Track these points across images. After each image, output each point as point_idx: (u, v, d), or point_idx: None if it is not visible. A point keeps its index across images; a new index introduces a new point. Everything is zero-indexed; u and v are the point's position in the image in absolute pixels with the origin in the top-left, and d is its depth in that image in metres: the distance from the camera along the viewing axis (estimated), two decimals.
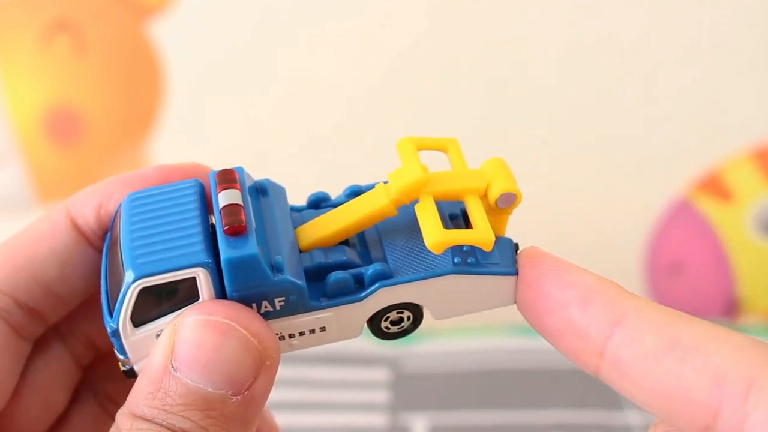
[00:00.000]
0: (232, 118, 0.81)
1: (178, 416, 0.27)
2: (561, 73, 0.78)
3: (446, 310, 0.30)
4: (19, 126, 0.82)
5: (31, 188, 0.84)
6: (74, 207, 0.32)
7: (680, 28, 0.77)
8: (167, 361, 0.27)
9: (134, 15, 0.80)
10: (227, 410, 0.27)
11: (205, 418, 0.27)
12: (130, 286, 0.28)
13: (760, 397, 0.23)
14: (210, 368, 0.27)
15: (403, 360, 0.72)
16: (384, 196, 0.30)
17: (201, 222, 0.29)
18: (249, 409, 0.28)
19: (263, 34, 0.79)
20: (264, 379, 0.28)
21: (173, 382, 0.27)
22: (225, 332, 0.27)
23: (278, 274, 0.28)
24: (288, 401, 0.66)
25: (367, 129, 0.80)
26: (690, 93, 0.77)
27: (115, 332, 0.29)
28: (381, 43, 0.79)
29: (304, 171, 0.79)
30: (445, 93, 0.79)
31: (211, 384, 0.27)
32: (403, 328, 0.31)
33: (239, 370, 0.27)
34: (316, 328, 0.30)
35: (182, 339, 0.27)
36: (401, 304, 0.30)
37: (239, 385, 0.27)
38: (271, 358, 0.28)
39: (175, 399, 0.27)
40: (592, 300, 0.27)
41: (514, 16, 0.77)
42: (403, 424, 0.64)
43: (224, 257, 0.28)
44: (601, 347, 0.26)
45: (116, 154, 0.83)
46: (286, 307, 0.29)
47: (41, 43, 0.81)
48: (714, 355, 0.24)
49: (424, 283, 0.29)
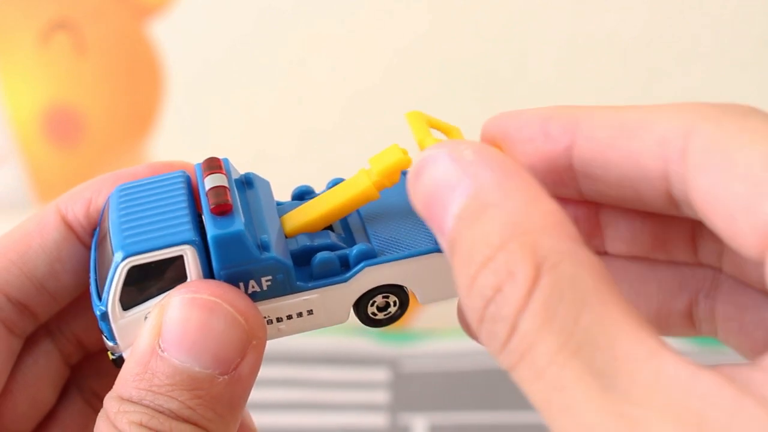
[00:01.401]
0: (231, 117, 0.81)
1: (166, 396, 0.27)
2: (561, 73, 0.78)
3: (432, 292, 0.30)
4: (19, 126, 0.82)
5: (30, 188, 0.84)
6: (64, 204, 0.33)
7: (680, 27, 0.77)
8: (154, 342, 0.27)
9: (133, 15, 0.80)
10: (214, 390, 0.27)
11: (193, 398, 0.27)
12: (119, 265, 0.28)
13: (695, 141, 0.24)
14: (197, 347, 0.27)
15: (403, 360, 0.72)
16: (365, 179, 0.31)
17: (188, 206, 0.29)
18: (236, 389, 0.27)
19: (262, 33, 0.79)
20: (251, 359, 0.28)
21: (160, 362, 0.27)
22: (211, 310, 0.27)
23: (265, 253, 0.29)
24: (288, 401, 0.66)
25: (367, 128, 0.80)
26: (690, 93, 0.77)
27: (104, 315, 0.29)
28: (380, 43, 0.79)
29: (304, 170, 0.79)
30: (444, 92, 0.79)
31: (198, 363, 0.27)
32: (390, 314, 0.31)
33: (226, 348, 0.27)
34: (304, 311, 0.30)
35: (169, 318, 0.27)
36: (387, 286, 0.30)
37: (226, 364, 0.27)
38: (257, 337, 0.28)
39: (162, 380, 0.27)
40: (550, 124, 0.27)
41: (514, 16, 0.77)
42: (403, 424, 0.64)
43: (211, 234, 0.28)
44: (568, 157, 0.27)
45: (115, 154, 0.83)
46: (273, 287, 0.29)
47: (40, 42, 0.81)
48: (656, 123, 0.25)
49: (408, 262, 0.30)
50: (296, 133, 0.81)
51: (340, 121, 0.80)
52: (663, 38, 0.77)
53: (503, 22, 0.77)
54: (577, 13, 0.77)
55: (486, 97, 0.79)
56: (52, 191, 0.83)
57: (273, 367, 0.70)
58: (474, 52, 0.78)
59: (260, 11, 0.79)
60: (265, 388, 0.68)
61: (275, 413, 0.65)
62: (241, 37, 0.79)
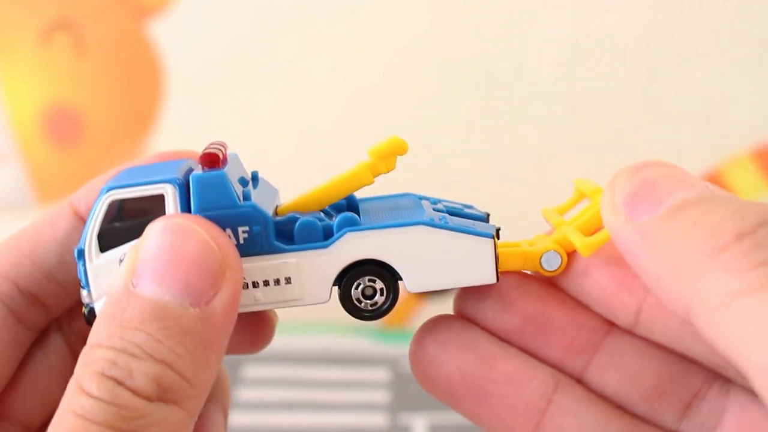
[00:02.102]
0: (232, 117, 0.81)
1: (133, 330, 0.26)
2: (561, 73, 0.78)
3: (420, 276, 0.29)
4: (19, 126, 0.82)
5: (30, 188, 0.84)
6: (76, 198, 0.33)
7: (680, 27, 0.77)
8: (128, 280, 0.26)
9: (133, 15, 0.80)
10: (184, 322, 0.26)
11: (161, 329, 0.26)
12: (100, 197, 0.29)
13: None
14: (168, 274, 0.26)
15: (403, 360, 0.72)
16: (361, 162, 0.31)
17: (181, 170, 0.29)
18: (209, 327, 0.26)
19: (262, 33, 0.79)
20: (225, 295, 0.27)
21: (131, 298, 0.26)
22: (183, 233, 0.27)
23: (245, 200, 0.29)
24: (288, 401, 0.66)
25: (367, 128, 0.80)
26: (690, 93, 0.77)
27: (80, 253, 0.29)
28: (380, 43, 0.79)
29: (304, 170, 0.79)
30: (444, 92, 0.79)
31: (169, 291, 0.26)
32: (377, 304, 0.30)
33: (197, 275, 0.26)
34: (281, 277, 0.29)
35: (143, 249, 0.27)
36: (372, 267, 0.29)
37: (197, 294, 0.26)
38: (231, 268, 0.27)
39: (132, 313, 0.26)
40: None
41: (514, 16, 0.77)
42: (403, 424, 0.64)
43: (193, 176, 0.28)
44: None
45: (115, 154, 0.83)
46: (250, 241, 0.29)
47: (40, 42, 0.81)
48: None
49: (392, 234, 0.29)
50: (296, 133, 0.81)
51: (340, 121, 0.80)
52: (663, 38, 0.77)
53: (503, 22, 0.77)
54: (577, 13, 0.77)
55: (486, 97, 0.79)
56: (52, 191, 0.83)
57: (273, 367, 0.70)
58: (474, 52, 0.78)
59: (260, 11, 0.79)
60: (265, 388, 0.68)
61: (275, 413, 0.65)
62: (241, 37, 0.79)
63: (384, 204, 0.32)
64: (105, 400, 0.25)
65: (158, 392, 0.25)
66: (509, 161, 0.80)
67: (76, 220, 0.32)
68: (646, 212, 0.26)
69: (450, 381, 0.30)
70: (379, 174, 0.31)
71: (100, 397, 0.25)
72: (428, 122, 0.79)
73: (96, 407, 0.25)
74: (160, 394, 0.25)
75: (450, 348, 0.30)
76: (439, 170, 0.78)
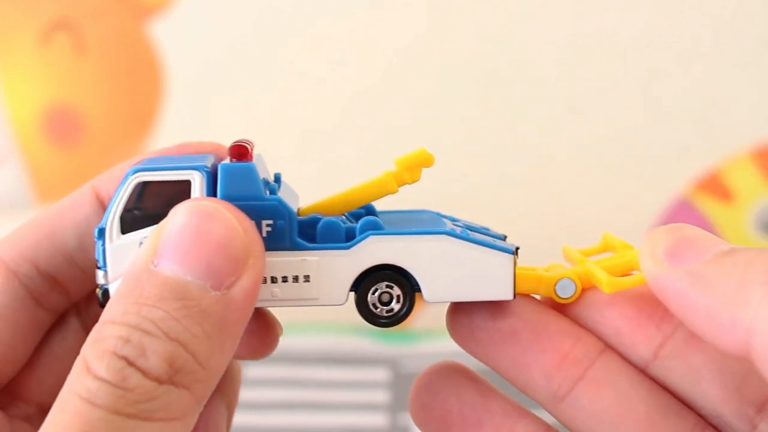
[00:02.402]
0: (232, 117, 0.81)
1: (151, 307, 0.25)
2: (561, 73, 0.78)
3: (438, 287, 0.30)
4: (19, 126, 0.82)
5: (30, 188, 0.84)
6: (99, 182, 0.33)
7: (680, 27, 0.77)
8: (149, 260, 0.26)
9: (133, 15, 0.80)
10: (204, 303, 0.25)
11: (180, 309, 0.25)
12: (128, 177, 0.29)
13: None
14: (192, 254, 0.26)
15: (403, 360, 0.72)
16: (386, 171, 0.31)
17: (208, 160, 0.29)
18: (228, 311, 0.26)
19: (262, 33, 0.79)
20: (246, 282, 0.26)
21: (151, 277, 0.26)
22: (210, 215, 0.26)
23: (271, 195, 0.29)
24: (288, 401, 0.66)
25: (367, 128, 0.80)
26: (690, 93, 0.77)
27: (101, 232, 0.29)
28: (380, 43, 0.79)
29: (304, 170, 0.79)
30: (444, 92, 0.79)
31: (191, 272, 0.26)
32: (393, 311, 0.30)
33: (221, 258, 0.26)
34: (300, 275, 0.29)
35: (167, 229, 0.26)
36: (390, 273, 0.29)
37: (219, 277, 0.26)
38: (255, 256, 0.27)
39: (151, 291, 0.25)
40: None
41: (514, 16, 0.77)
42: (403, 424, 0.64)
43: (221, 165, 0.28)
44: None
45: (115, 154, 0.83)
46: (273, 235, 0.29)
47: (40, 42, 0.81)
48: None
49: (415, 241, 0.29)
50: (296, 133, 0.81)
51: (340, 121, 0.80)
52: (663, 38, 0.77)
53: (503, 22, 0.77)
54: (577, 13, 0.77)
55: (486, 97, 0.79)
56: (52, 191, 0.83)
57: (273, 367, 0.70)
58: (474, 52, 0.78)
59: (260, 11, 0.79)
60: (266, 388, 0.68)
61: (275, 413, 0.65)
62: (241, 37, 0.79)
63: (403, 216, 0.32)
64: (112, 382, 0.24)
65: (169, 373, 0.25)
66: (509, 161, 0.80)
67: (98, 204, 0.32)
68: (692, 260, 0.26)
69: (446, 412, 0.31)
70: (403, 184, 0.31)
71: (108, 379, 0.24)
72: (428, 122, 0.79)
73: (102, 390, 0.24)
74: (171, 376, 0.25)
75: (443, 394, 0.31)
76: (439, 170, 0.77)
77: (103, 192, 0.32)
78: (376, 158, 0.77)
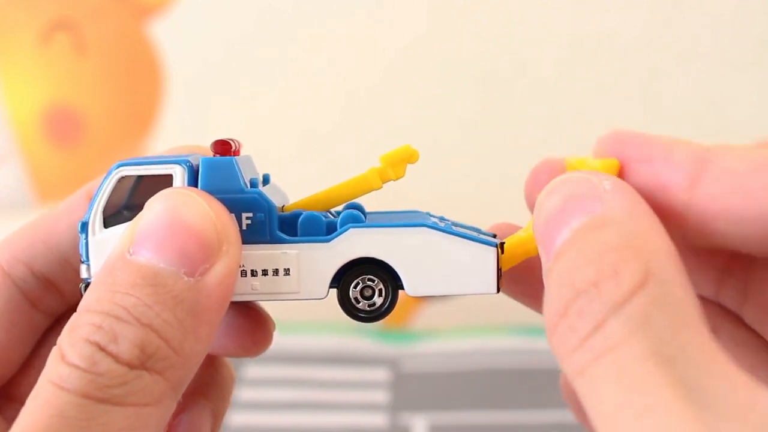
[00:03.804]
0: (232, 117, 0.81)
1: (124, 294, 0.25)
2: (561, 73, 0.78)
3: (420, 280, 0.29)
4: (19, 126, 0.82)
5: (30, 188, 0.84)
6: (94, 186, 0.33)
7: (680, 27, 0.77)
8: (124, 249, 0.26)
9: (133, 15, 0.80)
10: (177, 290, 0.25)
11: (152, 295, 0.25)
12: (111, 172, 0.29)
13: None
14: (166, 242, 0.26)
15: (403, 360, 0.72)
16: (371, 167, 0.31)
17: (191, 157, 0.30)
18: (201, 298, 0.26)
19: (262, 33, 0.79)
20: (220, 268, 0.26)
21: (126, 264, 0.26)
22: (184, 203, 0.27)
23: (251, 188, 0.29)
24: (288, 401, 0.66)
25: (367, 128, 0.80)
26: (690, 93, 0.77)
27: (84, 226, 0.29)
28: (380, 43, 0.79)
29: (304, 170, 0.79)
30: (444, 92, 0.79)
31: (164, 259, 0.26)
32: (375, 306, 0.30)
33: (195, 244, 0.26)
34: (280, 268, 0.29)
35: (143, 219, 0.27)
36: (372, 266, 0.29)
37: (192, 263, 0.26)
38: (229, 243, 0.27)
39: (124, 278, 0.25)
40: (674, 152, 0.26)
41: (514, 16, 0.77)
42: (403, 424, 0.64)
43: (202, 158, 0.29)
44: (686, 191, 0.26)
45: (115, 154, 0.83)
46: (253, 228, 0.29)
47: (40, 42, 0.81)
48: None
49: (395, 234, 0.29)
50: (296, 133, 0.81)
51: (340, 121, 0.80)
52: (663, 38, 0.77)
53: (503, 22, 0.77)
54: (577, 13, 0.77)
55: (486, 97, 0.79)
56: (52, 191, 0.83)
57: (273, 367, 0.70)
58: (474, 52, 0.78)
59: (260, 11, 0.79)
60: (265, 388, 0.68)
61: (275, 413, 0.65)
62: (241, 37, 0.79)
63: (391, 216, 0.32)
64: (83, 367, 0.24)
65: (141, 359, 0.25)
66: (509, 161, 0.80)
67: None
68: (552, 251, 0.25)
69: None
70: (387, 180, 0.31)
71: (78, 365, 0.24)
72: (428, 122, 0.79)
73: (73, 375, 0.24)
74: (144, 361, 0.25)
75: None
76: (439, 170, 0.78)
77: None
78: (376, 158, 0.77)
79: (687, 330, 0.21)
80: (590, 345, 0.21)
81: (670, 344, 0.21)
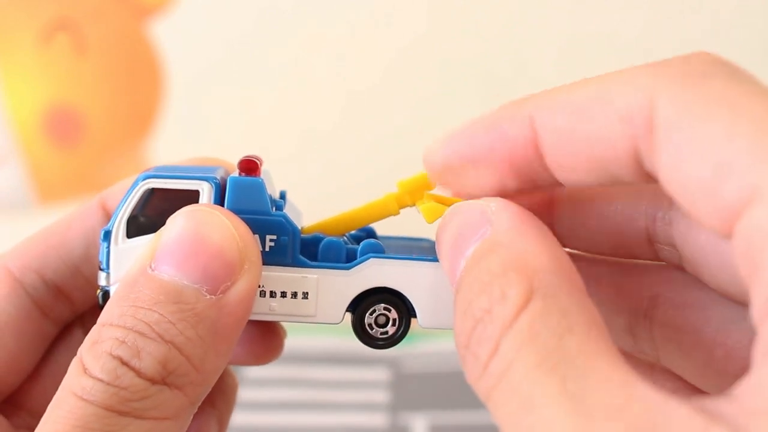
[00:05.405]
0: (232, 117, 0.81)
1: (147, 310, 0.26)
2: (561, 73, 0.78)
3: (434, 314, 0.30)
4: (19, 126, 0.82)
5: (30, 188, 0.84)
6: (107, 194, 0.33)
7: (680, 27, 0.77)
8: (146, 263, 0.27)
9: (134, 15, 0.80)
10: (199, 307, 0.26)
11: (176, 312, 0.26)
12: (138, 183, 0.29)
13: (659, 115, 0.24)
14: (189, 259, 0.26)
15: (403, 360, 0.72)
16: (388, 194, 0.31)
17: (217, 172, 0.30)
18: (222, 316, 0.26)
19: (262, 33, 0.79)
20: (242, 287, 0.27)
21: (148, 280, 0.26)
22: (208, 221, 0.27)
23: (276, 211, 0.29)
24: (288, 401, 0.66)
25: (367, 128, 0.80)
26: None
27: (107, 234, 0.29)
28: (380, 43, 0.79)
29: (304, 170, 0.79)
30: (444, 92, 0.79)
31: (187, 276, 0.26)
32: (387, 334, 0.30)
33: (217, 262, 0.26)
34: (299, 291, 0.30)
35: (165, 234, 0.27)
36: (388, 296, 0.30)
37: (215, 281, 0.26)
38: (251, 261, 0.27)
39: (147, 294, 0.26)
40: None
41: (514, 16, 0.77)
42: (403, 424, 0.64)
43: (230, 178, 0.29)
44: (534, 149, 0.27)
45: (116, 154, 0.83)
46: (276, 250, 0.29)
47: (40, 42, 0.81)
48: (616, 98, 0.25)
49: (415, 267, 0.30)
50: (296, 133, 0.81)
51: (340, 121, 0.80)
52: (663, 38, 0.77)
53: (503, 22, 0.77)
54: (577, 13, 0.77)
55: (486, 97, 0.79)
56: (52, 191, 0.83)
57: (273, 367, 0.70)
58: (474, 52, 0.78)
59: (260, 11, 0.79)
60: (266, 388, 0.68)
61: (275, 413, 0.65)
62: (241, 37, 0.79)
63: (403, 243, 0.33)
64: (106, 380, 0.25)
65: (163, 374, 0.25)
66: None
67: (104, 217, 0.33)
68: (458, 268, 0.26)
69: None
70: (404, 206, 0.31)
71: (102, 378, 0.25)
72: (428, 122, 0.79)
73: (96, 388, 0.25)
74: (165, 377, 0.25)
75: None
76: None
77: (110, 204, 0.33)
78: (376, 158, 0.77)
79: (570, 335, 0.21)
80: (491, 370, 0.22)
81: (555, 351, 0.21)
